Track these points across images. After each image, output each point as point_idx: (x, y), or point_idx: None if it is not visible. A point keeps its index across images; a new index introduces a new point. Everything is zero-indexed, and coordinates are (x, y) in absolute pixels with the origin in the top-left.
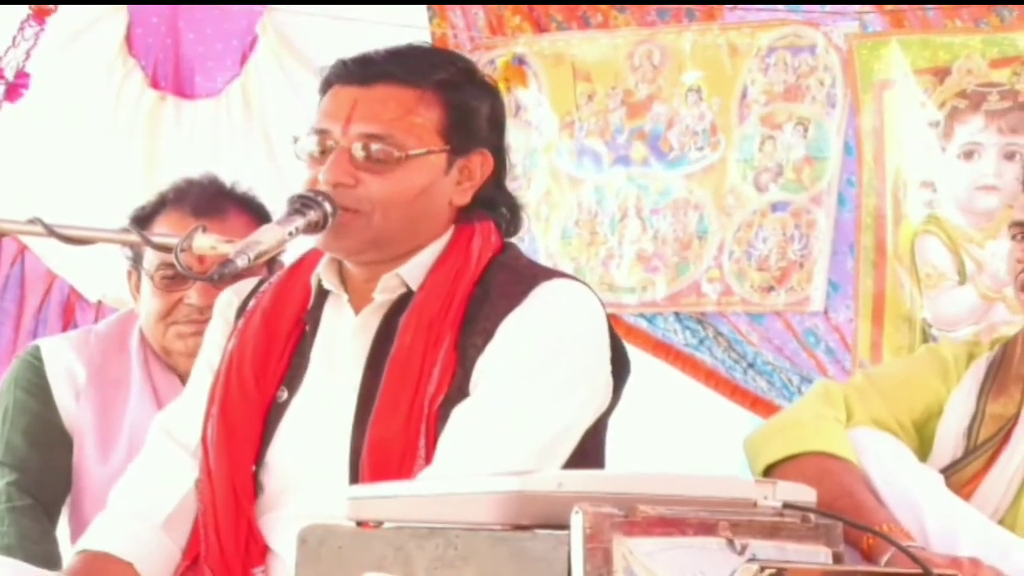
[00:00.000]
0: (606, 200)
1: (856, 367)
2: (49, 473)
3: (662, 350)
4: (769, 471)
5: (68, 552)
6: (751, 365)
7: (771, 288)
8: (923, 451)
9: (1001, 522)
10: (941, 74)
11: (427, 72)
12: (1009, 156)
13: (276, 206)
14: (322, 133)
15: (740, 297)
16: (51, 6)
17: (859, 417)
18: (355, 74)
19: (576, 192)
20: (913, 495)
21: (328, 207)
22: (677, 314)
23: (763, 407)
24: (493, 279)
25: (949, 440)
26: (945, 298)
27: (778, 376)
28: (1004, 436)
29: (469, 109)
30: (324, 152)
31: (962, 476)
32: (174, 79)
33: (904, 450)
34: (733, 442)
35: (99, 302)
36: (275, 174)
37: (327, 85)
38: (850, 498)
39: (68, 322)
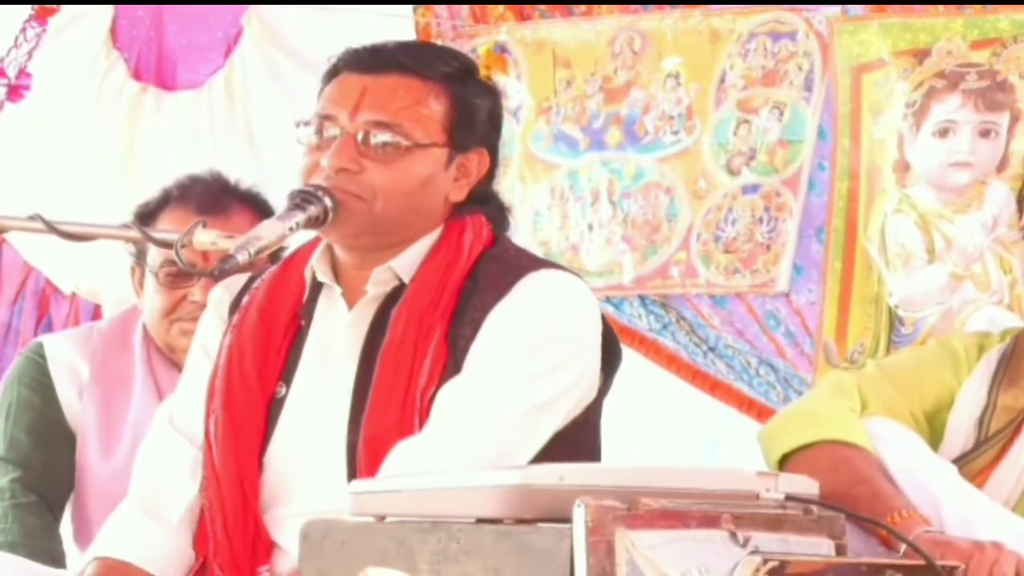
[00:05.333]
0: (579, 185)
1: (820, 349)
2: (52, 470)
3: (627, 335)
4: (784, 461)
5: (72, 549)
6: (712, 349)
7: (736, 270)
8: (934, 442)
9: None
10: (920, 56)
11: (435, 65)
12: (984, 133)
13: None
14: (328, 119)
15: (705, 279)
16: (53, 6)
17: (873, 407)
18: (365, 62)
19: (549, 177)
20: (929, 484)
21: (328, 201)
22: (642, 298)
23: (722, 391)
24: (483, 271)
25: (960, 431)
26: (914, 278)
27: (738, 359)
28: (1015, 428)
29: (473, 106)
30: (327, 138)
31: (973, 467)
32: (156, 71)
33: (918, 441)
34: (702, 428)
35: (73, 294)
36: (256, 165)
37: (334, 72)
38: (868, 485)
39: (43, 314)
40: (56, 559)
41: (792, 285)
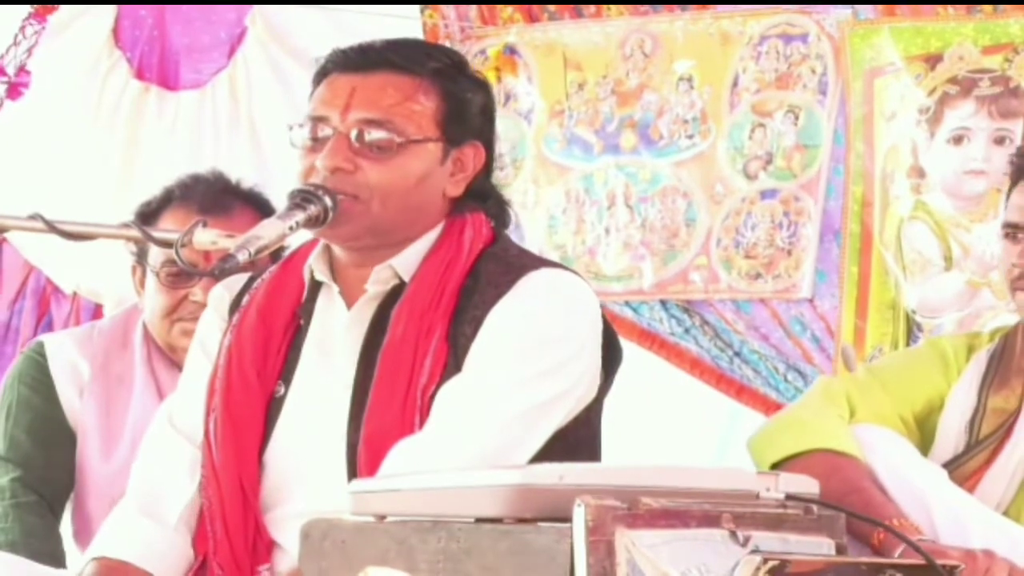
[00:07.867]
0: (594, 188)
1: (838, 355)
2: (53, 469)
3: (647, 339)
4: (775, 469)
5: (72, 549)
6: (737, 353)
7: (758, 276)
8: (924, 446)
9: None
10: (932, 61)
11: (424, 61)
12: (999, 141)
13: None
14: (319, 120)
15: (727, 284)
16: (53, 4)
17: (862, 413)
18: (353, 62)
19: (564, 180)
20: (920, 490)
21: (328, 201)
22: (663, 303)
23: (748, 395)
24: (483, 269)
25: (951, 435)
26: (931, 285)
27: (764, 364)
28: (1006, 431)
29: (464, 100)
30: (320, 140)
31: (964, 471)
32: (159, 70)
33: (908, 446)
34: (715, 431)
35: (74, 294)
36: (259, 165)
37: (323, 74)
38: (859, 494)
39: (43, 313)
40: (56, 559)
41: (815, 290)
